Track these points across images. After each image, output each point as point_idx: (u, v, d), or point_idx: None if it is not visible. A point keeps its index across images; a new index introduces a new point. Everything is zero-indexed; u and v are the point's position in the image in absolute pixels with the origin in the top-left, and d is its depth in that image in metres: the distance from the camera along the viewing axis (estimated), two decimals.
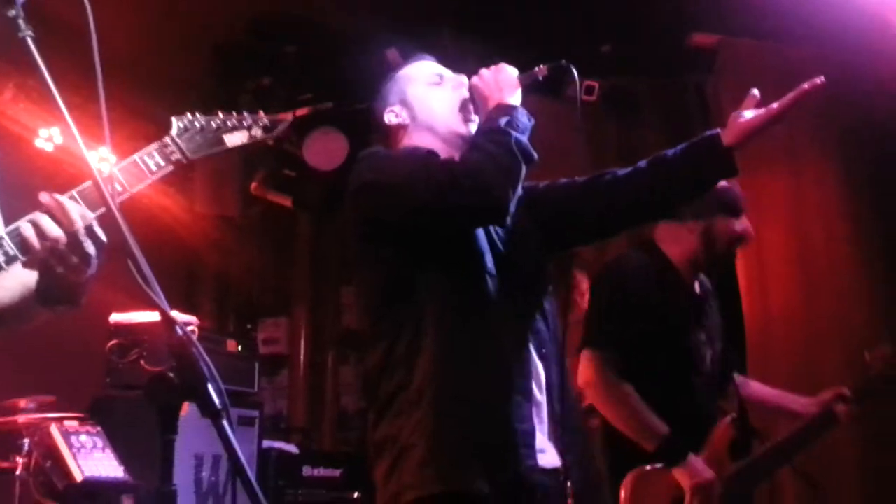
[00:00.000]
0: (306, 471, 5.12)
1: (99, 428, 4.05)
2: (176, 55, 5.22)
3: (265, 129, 2.05)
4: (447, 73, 2.50)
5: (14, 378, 4.52)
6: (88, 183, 1.78)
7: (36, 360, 4.95)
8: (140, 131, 5.82)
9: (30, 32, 1.81)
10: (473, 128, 2.40)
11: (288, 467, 5.08)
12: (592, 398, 3.01)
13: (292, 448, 5.24)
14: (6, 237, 1.70)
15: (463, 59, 2.85)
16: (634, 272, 3.10)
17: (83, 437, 3.94)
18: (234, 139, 2.02)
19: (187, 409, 1.84)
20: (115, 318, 4.67)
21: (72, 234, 1.69)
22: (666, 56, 5.23)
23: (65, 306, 1.86)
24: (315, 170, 5.71)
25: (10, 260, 1.70)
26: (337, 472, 5.19)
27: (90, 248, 1.72)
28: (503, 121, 2.25)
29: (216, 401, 1.66)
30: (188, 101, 5.76)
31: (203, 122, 1.99)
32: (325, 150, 5.64)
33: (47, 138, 5.36)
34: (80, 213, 1.71)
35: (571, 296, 4.15)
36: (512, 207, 2.25)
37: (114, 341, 4.59)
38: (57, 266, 1.71)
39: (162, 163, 1.92)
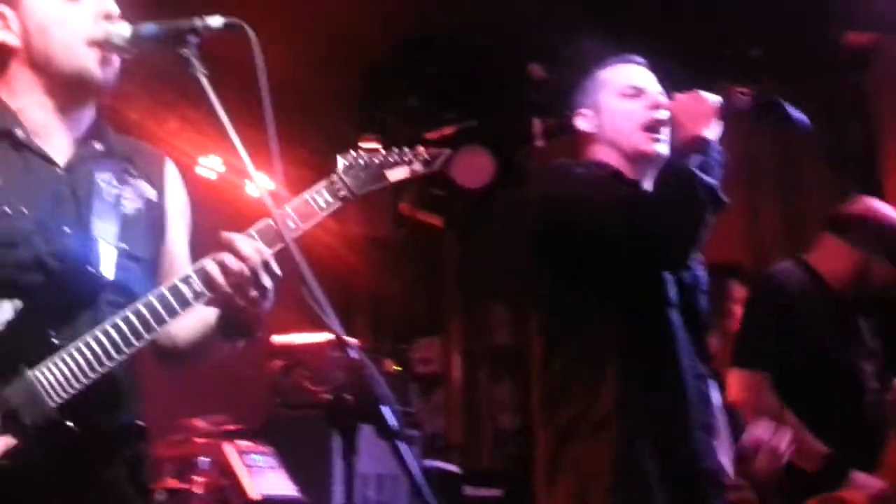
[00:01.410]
0: (468, 490, 5.11)
1: (271, 447, 4.16)
2: (323, 79, 5.35)
3: (425, 163, 2.06)
4: (649, 85, 2.39)
5: (184, 399, 4.71)
6: (265, 221, 1.83)
7: (204, 381, 5.15)
8: (291, 155, 6.01)
9: (203, 71, 1.88)
10: (660, 148, 2.30)
11: (449, 487, 5.09)
12: (747, 418, 2.90)
13: (453, 467, 5.25)
14: (193, 275, 1.76)
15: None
16: (791, 288, 2.97)
17: (257, 457, 4.06)
18: (396, 174, 2.04)
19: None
20: (277, 339, 4.82)
21: (252, 270, 1.73)
22: (817, 57, 5.06)
23: (244, 339, 1.90)
24: (463, 188, 5.74)
25: (197, 296, 1.76)
26: (498, 492, 5.16)
27: (267, 282, 1.76)
28: (696, 161, 2.14)
29: (392, 422, 1.67)
30: (336, 123, 5.93)
31: (367, 159, 2.02)
32: (472, 169, 5.67)
33: (208, 167, 5.61)
34: (257, 250, 1.75)
35: (726, 306, 4.01)
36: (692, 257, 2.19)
37: (278, 362, 4.73)
38: (238, 301, 1.76)
39: (330, 200, 1.96)
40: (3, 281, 1.71)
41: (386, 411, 1.64)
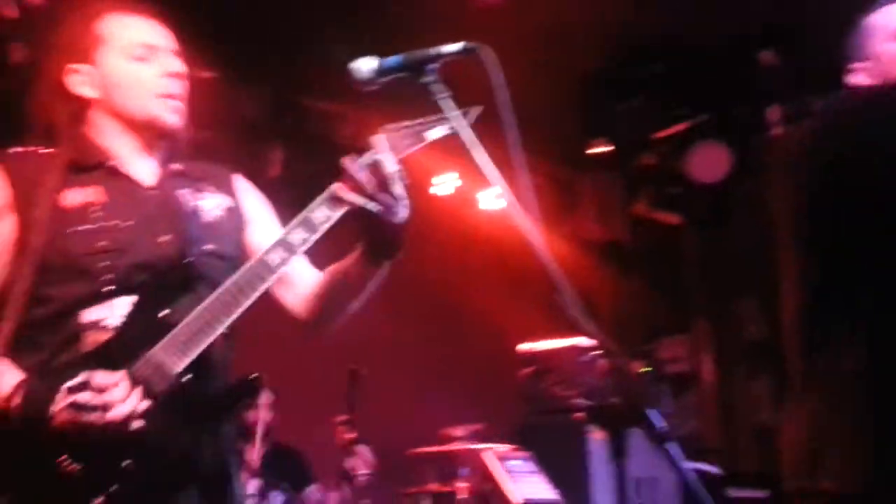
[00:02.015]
0: (732, 492, 4.93)
1: (529, 453, 4.22)
2: (547, 87, 5.38)
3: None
4: None
5: (442, 409, 4.88)
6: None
7: (459, 391, 5.31)
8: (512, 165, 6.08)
9: (445, 94, 1.99)
10: None
11: (712, 489, 4.92)
12: None
13: (714, 469, 5.08)
14: (286, 238, 2.06)
15: None
16: None
17: (516, 462, 4.12)
18: (434, 133, 2.15)
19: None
20: (524, 347, 4.88)
21: (380, 177, 1.98)
22: None
23: (389, 258, 2.11)
24: (700, 184, 5.59)
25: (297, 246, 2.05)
26: (763, 493, 4.94)
27: (400, 189, 2.00)
28: None
29: (661, 424, 1.67)
30: (564, 130, 5.94)
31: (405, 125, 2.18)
32: (709, 163, 5.52)
33: (442, 184, 5.78)
34: (382, 160, 2.00)
35: None
36: None
37: (527, 370, 4.79)
38: (379, 203, 1.99)
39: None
40: (118, 282, 2.01)
41: (653, 414, 1.64)
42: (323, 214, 2.04)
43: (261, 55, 4.83)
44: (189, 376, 1.97)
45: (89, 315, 2.00)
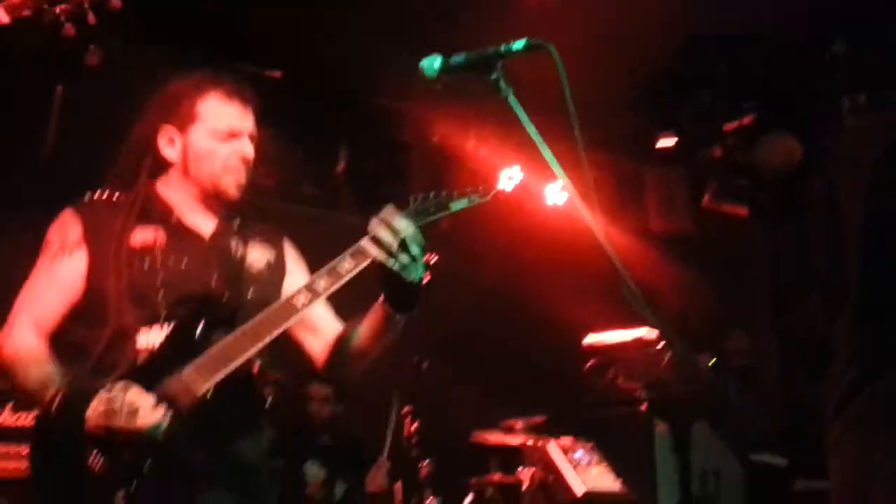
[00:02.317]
0: (799, 485, 4.88)
1: (592, 444, 4.24)
2: (614, 84, 5.38)
3: (482, 193, 2.51)
4: None
5: (503, 401, 4.91)
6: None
7: (522, 383, 5.34)
8: (591, 159, 6.06)
9: (511, 91, 2.04)
10: None
11: (776, 481, 4.89)
12: None
13: (780, 461, 5.03)
14: (304, 290, 2.32)
15: None
16: None
17: (579, 453, 4.15)
18: (459, 204, 2.45)
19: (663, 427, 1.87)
20: (589, 339, 4.88)
21: (400, 241, 2.22)
22: None
23: (404, 313, 2.33)
24: (769, 176, 5.52)
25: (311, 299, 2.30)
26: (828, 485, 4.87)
27: (415, 251, 2.23)
28: None
29: (726, 416, 1.70)
30: (633, 126, 5.92)
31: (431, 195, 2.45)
32: (778, 154, 5.44)
33: (509, 178, 5.79)
34: (406, 224, 2.23)
35: None
36: None
37: (591, 362, 4.79)
38: (397, 260, 2.22)
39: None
40: (168, 312, 2.31)
41: (717, 406, 1.67)
42: (348, 265, 2.28)
43: (327, 59, 4.92)
44: (209, 395, 2.21)
45: (142, 338, 2.29)
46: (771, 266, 6.61)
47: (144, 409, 2.15)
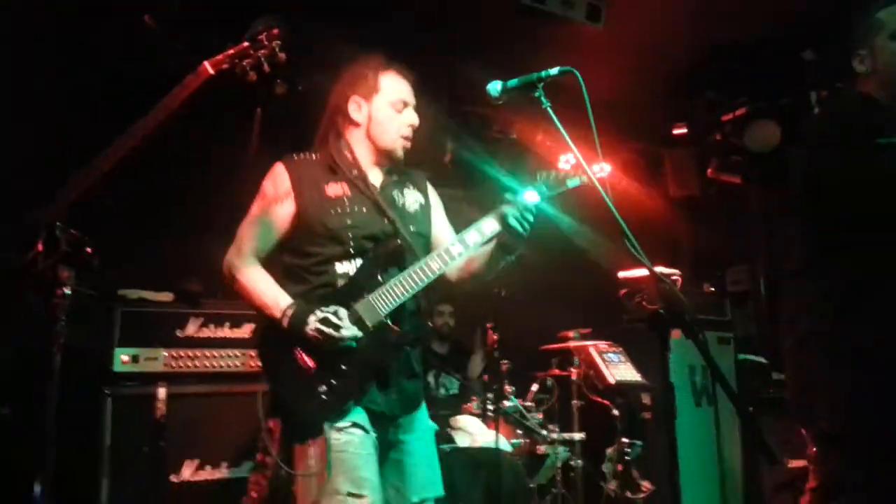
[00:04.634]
0: (775, 376, 4.80)
1: (621, 348, 4.25)
2: (639, 83, 5.25)
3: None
4: None
5: (563, 318, 4.94)
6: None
7: (576, 304, 5.35)
8: (623, 145, 5.99)
9: (548, 104, 2.08)
10: None
11: (760, 374, 4.82)
12: None
13: (762, 359, 4.96)
14: (473, 230, 2.30)
15: None
16: None
17: (611, 354, 4.17)
18: (572, 183, 2.38)
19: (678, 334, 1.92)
20: (623, 274, 4.85)
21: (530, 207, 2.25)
22: None
23: (513, 254, 2.32)
24: (756, 154, 5.34)
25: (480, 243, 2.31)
26: None
27: (531, 217, 2.26)
28: None
29: (693, 326, 1.74)
30: (653, 117, 5.78)
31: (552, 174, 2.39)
32: (763, 136, 5.25)
33: (566, 161, 5.74)
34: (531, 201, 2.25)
35: None
36: None
37: (623, 290, 4.77)
38: (518, 229, 2.24)
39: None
40: (356, 247, 2.22)
41: (688, 319, 1.72)
42: (491, 224, 2.27)
43: (439, 75, 4.97)
44: (392, 318, 2.19)
45: (339, 268, 2.23)
46: (762, 219, 6.40)
47: (346, 324, 2.11)
